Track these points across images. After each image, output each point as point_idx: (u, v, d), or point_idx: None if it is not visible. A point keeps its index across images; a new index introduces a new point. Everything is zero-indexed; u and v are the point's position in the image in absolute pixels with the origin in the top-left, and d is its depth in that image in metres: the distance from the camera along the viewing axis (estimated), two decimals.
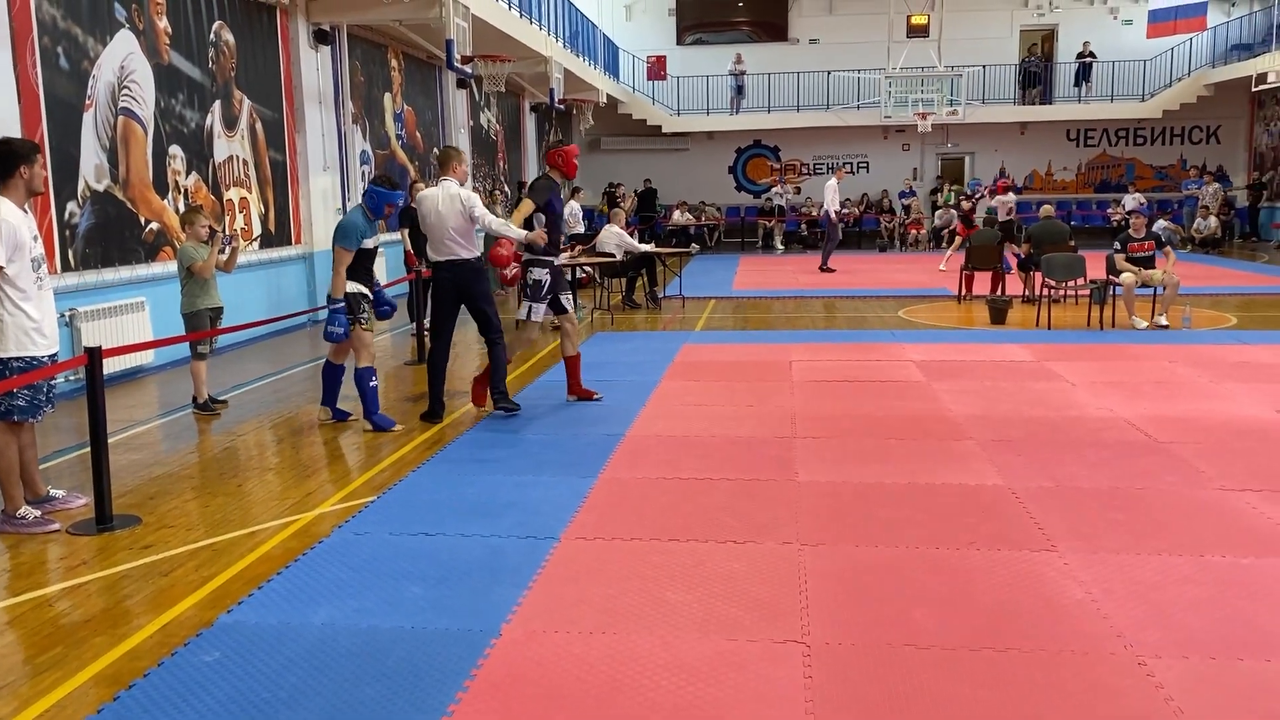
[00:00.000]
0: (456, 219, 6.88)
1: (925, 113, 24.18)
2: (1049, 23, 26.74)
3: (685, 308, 13.78)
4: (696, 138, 27.18)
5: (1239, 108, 25.64)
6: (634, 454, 6.14)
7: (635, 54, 26.46)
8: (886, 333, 11.12)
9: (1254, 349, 9.63)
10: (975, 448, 6.17)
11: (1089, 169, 27.02)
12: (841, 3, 26.90)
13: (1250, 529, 4.66)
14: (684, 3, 27.57)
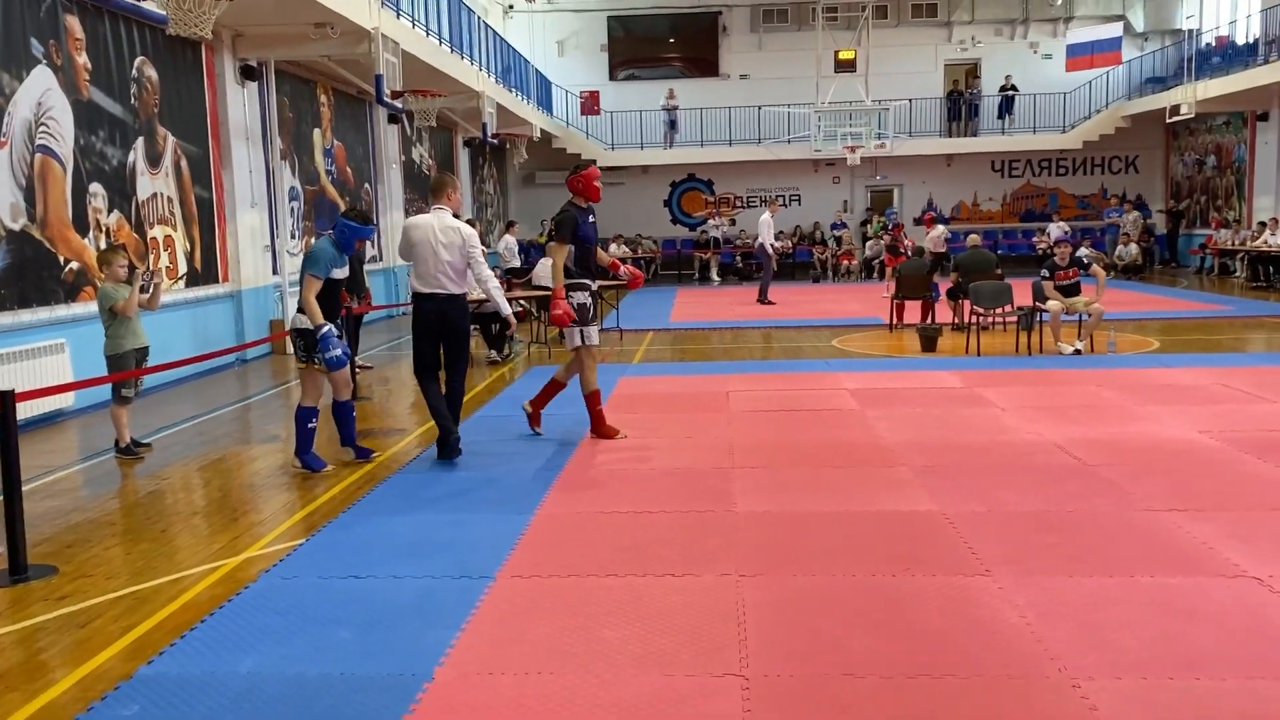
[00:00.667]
0: (454, 254, 6.57)
1: (854, 146, 24.65)
2: (972, 57, 27.48)
3: (623, 340, 13.78)
4: (631, 171, 27.34)
5: (1155, 138, 26.54)
6: (571, 489, 6.08)
7: (569, 89, 26.61)
8: (821, 362, 11.22)
9: (1176, 371, 9.89)
10: (909, 474, 6.21)
11: (1014, 199, 27.70)
12: (770, 39, 27.37)
13: (1177, 548, 4.74)
14: (616, 39, 27.84)
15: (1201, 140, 25.22)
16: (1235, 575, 4.37)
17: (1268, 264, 19.31)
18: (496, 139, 20.19)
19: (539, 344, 12.94)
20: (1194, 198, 25.68)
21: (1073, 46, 24.80)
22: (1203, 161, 25.26)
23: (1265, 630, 3.81)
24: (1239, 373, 9.68)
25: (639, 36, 28.04)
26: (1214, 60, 22.56)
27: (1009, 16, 26.98)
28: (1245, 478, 5.97)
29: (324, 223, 15.07)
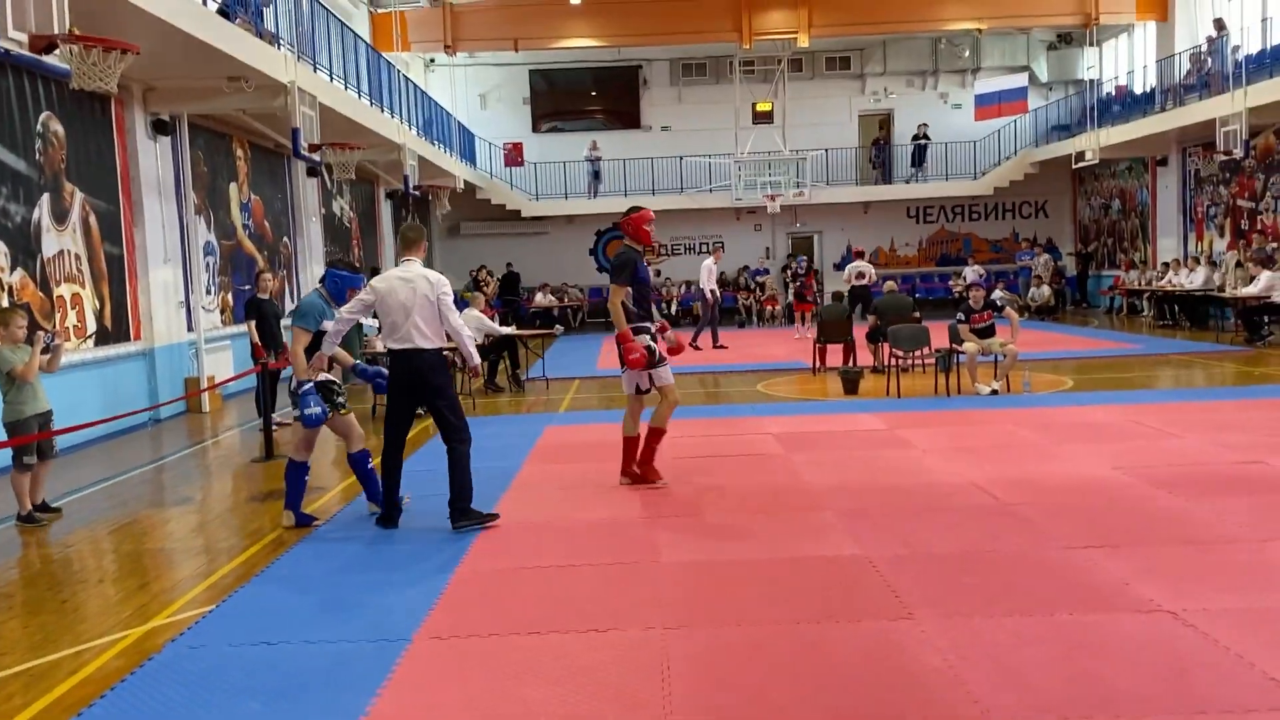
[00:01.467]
0: (424, 305, 6.17)
1: (774, 194, 25.08)
2: (885, 107, 28.23)
3: (549, 389, 13.70)
4: (556, 221, 27.41)
5: (1063, 184, 27.47)
6: (494, 544, 5.97)
7: (492, 141, 26.67)
8: (746, 407, 11.27)
9: (1089, 409, 10.13)
10: (833, 518, 6.23)
11: (929, 244, 28.36)
12: (690, 91, 27.81)
13: (1093, 586, 4.81)
14: (538, 92, 28.05)
15: (1106, 185, 26.17)
16: (1150, 610, 4.44)
17: (1173, 303, 20.00)
18: (419, 191, 20.10)
19: (463, 395, 12.77)
20: (1101, 240, 26.58)
21: (981, 96, 25.61)
22: (1108, 205, 26.20)
23: (1179, 666, 3.86)
24: (1149, 409, 9.96)
25: (561, 89, 28.29)
26: (1114, 109, 23.49)
27: (919, 68, 27.81)
28: (1157, 513, 6.11)
29: (241, 278, 14.79)
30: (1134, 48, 25.18)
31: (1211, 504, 6.20)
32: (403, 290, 6.20)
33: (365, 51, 17.14)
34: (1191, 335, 17.78)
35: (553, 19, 23.68)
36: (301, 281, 17.49)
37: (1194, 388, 12.02)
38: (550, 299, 26.27)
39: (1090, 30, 24.29)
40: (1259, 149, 19.42)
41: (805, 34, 23.73)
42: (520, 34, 23.85)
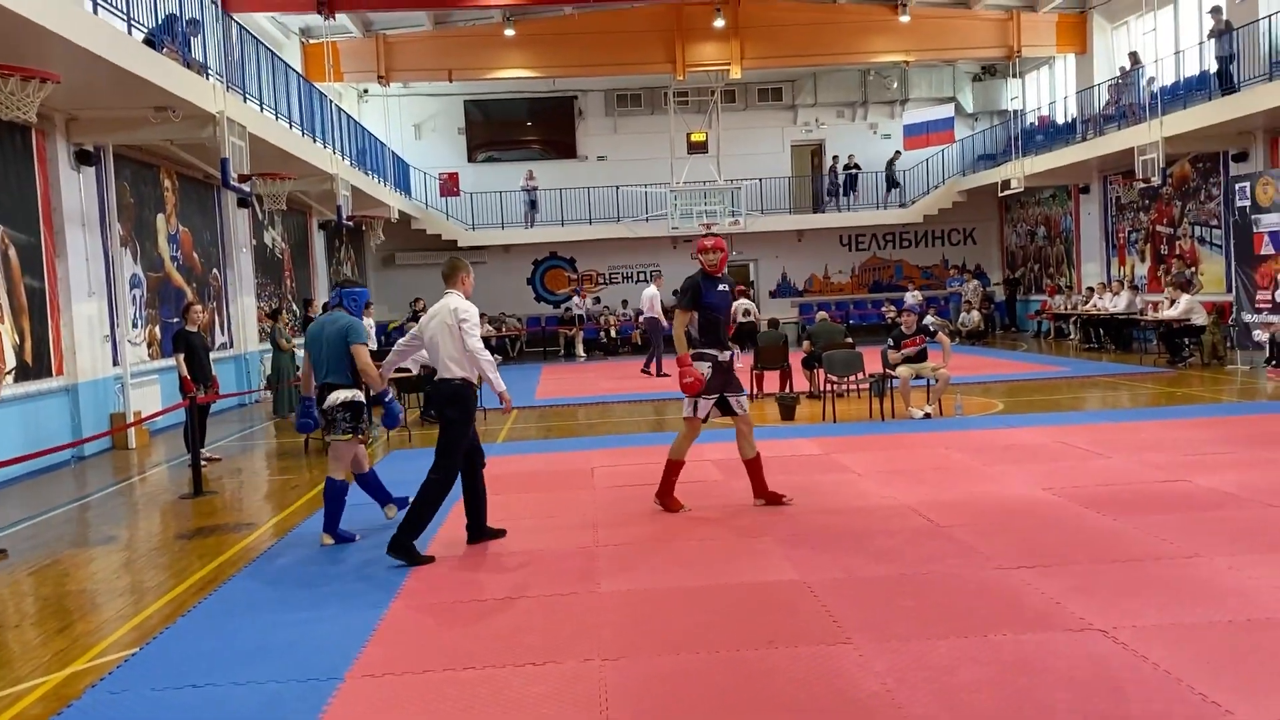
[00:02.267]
0: (446, 335, 6.30)
1: (710, 223, 25.22)
2: (816, 138, 28.69)
3: (486, 419, 13.57)
4: (493, 251, 27.32)
5: (990, 211, 28.13)
6: (429, 578, 5.87)
7: (427, 170, 26.55)
8: None
9: (1020, 431, 10.32)
10: (772, 544, 6.24)
11: (862, 271, 28.80)
12: (625, 122, 28.00)
13: (1027, 605, 4.88)
14: (473, 122, 28.03)
15: (1031, 212, 26.85)
16: (1082, 629, 4.51)
17: (1098, 326, 20.53)
18: (352, 221, 19.90)
19: (399, 427, 12.61)
20: (1028, 266, 27.24)
21: (909, 127, 26.17)
22: (1034, 232, 26.87)
23: (1110, 682, 3.92)
24: (1077, 430, 10.18)
25: (496, 120, 28.30)
26: (1038, 138, 24.16)
27: (849, 99, 28.33)
28: (1086, 532, 6.22)
29: (169, 310, 14.47)
30: (1055, 79, 25.96)
31: (1138, 522, 6.34)
32: (431, 323, 6.44)
33: (297, 81, 16.99)
34: (1116, 358, 18.25)
35: (487, 50, 23.71)
36: (232, 314, 17.18)
37: (1119, 409, 12.32)
38: (488, 329, 26.11)
39: (1013, 62, 25.00)
40: (1175, 176, 20.09)
41: (737, 66, 24.06)
42: (454, 64, 23.85)
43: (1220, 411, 11.27)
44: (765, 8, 23.41)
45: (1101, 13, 23.06)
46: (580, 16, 23.22)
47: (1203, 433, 9.64)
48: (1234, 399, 12.38)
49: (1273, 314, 14.73)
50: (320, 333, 6.80)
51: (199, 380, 10.45)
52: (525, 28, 23.39)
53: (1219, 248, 18.69)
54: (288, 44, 21.31)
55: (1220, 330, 16.18)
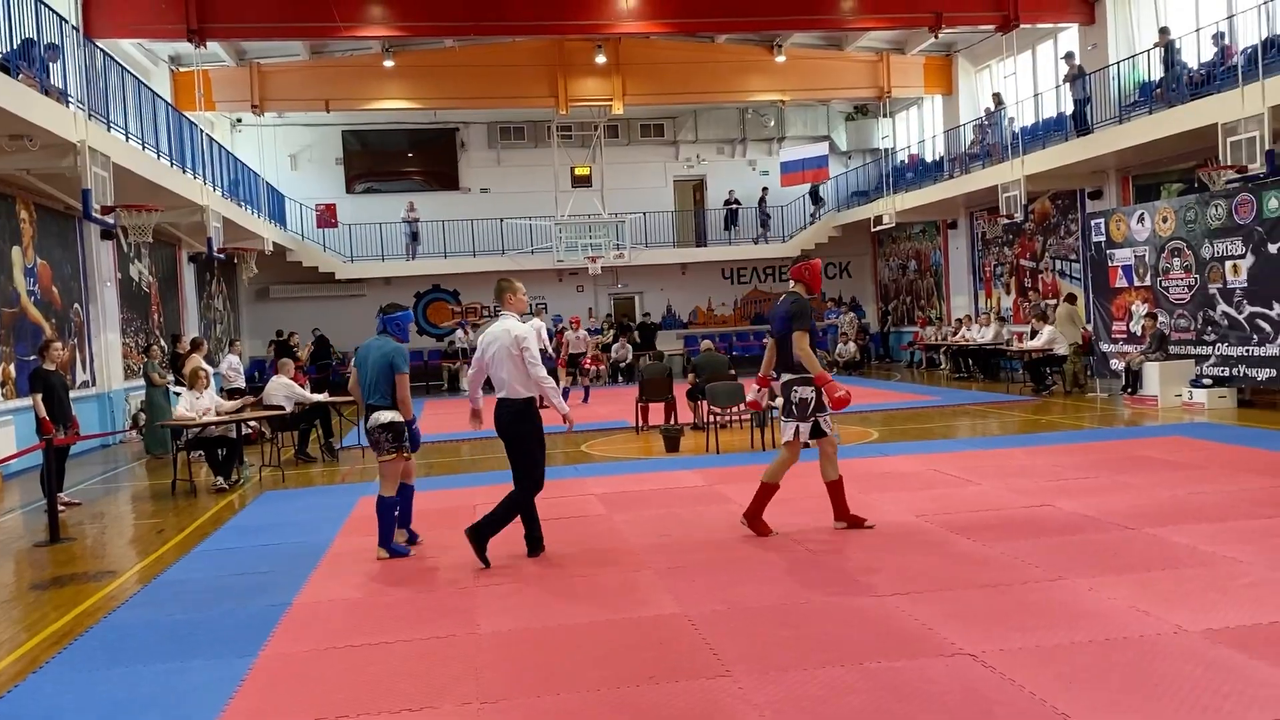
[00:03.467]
0: (507, 357, 6.64)
1: (595, 256, 25.44)
2: (698, 173, 29.21)
3: (365, 458, 13.26)
4: (373, 283, 26.88)
5: (864, 246, 29.03)
6: (302, 624, 5.67)
7: (303, 202, 25.98)
8: (570, 468, 11.23)
9: (894, 460, 10.61)
10: (653, 577, 6.25)
11: (744, 303, 29.34)
12: (508, 154, 28.00)
13: (901, 631, 4.99)
14: (352, 153, 27.61)
15: (903, 247, 27.82)
16: (953, 654, 4.63)
17: (967, 357, 21.33)
18: (224, 254, 19.30)
19: (272, 468, 12.22)
20: (900, 298, 28.17)
21: (786, 164, 26.87)
22: (905, 265, 27.83)
23: (980, 705, 4.03)
24: (948, 458, 10.51)
25: (376, 150, 27.94)
26: (908, 176, 25.11)
27: (729, 136, 28.94)
28: (957, 558, 6.41)
29: (24, 347, 13.74)
30: (923, 119, 27.05)
31: (1005, 547, 6.57)
32: (493, 347, 6.74)
33: (166, 110, 16.45)
34: (984, 386, 18.97)
35: (366, 80, 23.42)
36: (95, 350, 16.41)
37: (988, 436, 12.78)
38: None
39: (884, 102, 25.95)
40: (1036, 213, 21.11)
41: (620, 102, 24.34)
42: (332, 95, 23.47)
43: (1081, 438, 11.80)
44: (646, 46, 23.78)
45: (965, 56, 24.17)
46: (461, 49, 23.17)
47: (1065, 458, 10.07)
48: (1094, 425, 12.98)
49: (1128, 344, 15.54)
50: (366, 356, 7.19)
51: (58, 421, 9.93)
52: (405, 59, 23.20)
53: (1078, 280, 19.68)
54: (156, 71, 20.64)
55: (1081, 359, 16.99)
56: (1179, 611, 5.03)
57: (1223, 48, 15.39)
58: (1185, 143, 15.34)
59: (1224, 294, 13.64)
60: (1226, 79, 14.41)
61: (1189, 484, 8.39)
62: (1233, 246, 13.38)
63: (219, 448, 11.23)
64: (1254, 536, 6.47)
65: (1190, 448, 10.41)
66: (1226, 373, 13.64)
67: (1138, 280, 15.46)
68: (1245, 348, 13.29)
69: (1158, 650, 4.54)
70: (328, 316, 26.04)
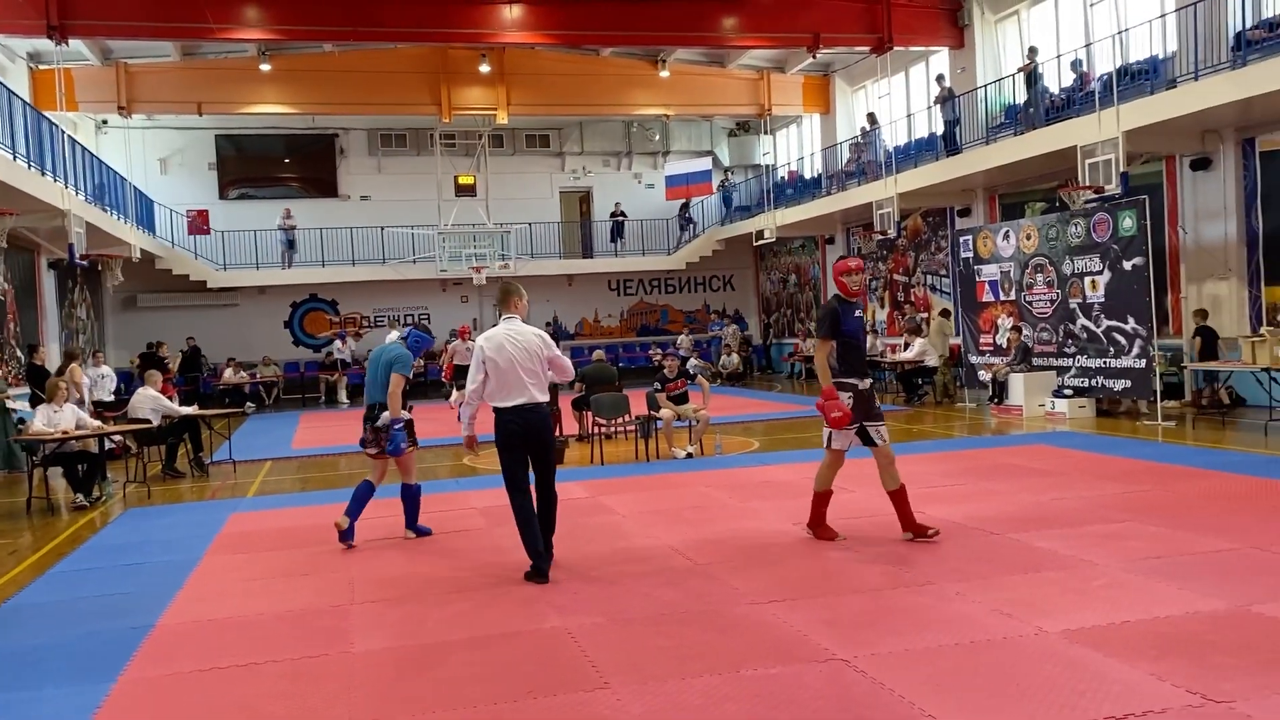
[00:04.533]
0: (530, 360, 6.45)
1: (479, 266, 25.21)
2: (584, 185, 29.27)
3: (237, 473, 12.83)
4: (247, 292, 26.07)
5: (746, 259, 29.54)
6: (165, 646, 5.44)
7: (174, 207, 25.03)
8: (452, 481, 11.08)
9: (775, 469, 10.79)
10: (535, 591, 6.20)
11: (630, 315, 29.49)
12: (390, 162, 27.54)
13: (776, 639, 5.06)
14: (226, 158, 26.76)
15: (784, 261, 28.41)
16: (826, 660, 4.72)
17: None
18: (87, 261, 18.41)
19: (137, 484, 11.70)
20: (782, 311, 28.75)
21: (670, 178, 27.17)
22: (786, 279, 28.42)
23: (851, 710, 4.12)
24: None
25: (251, 155, 27.13)
26: (788, 192, 25.66)
27: (615, 149, 29.10)
28: (832, 564, 6.56)
29: None
30: (803, 137, 27.70)
31: (878, 552, 6.75)
32: (510, 349, 6.45)
33: (23, 110, 15.63)
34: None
35: (241, 83, 22.72)
36: None
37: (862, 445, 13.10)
38: (241, 375, 24.77)
39: (764, 120, 26.47)
40: (909, 229, 21.82)
41: (504, 111, 24.22)
42: (204, 98, 22.69)
43: (950, 446, 12.22)
44: (531, 56, 23.73)
45: (842, 77, 24.85)
46: (342, 54, 22.70)
47: (936, 466, 10.40)
48: (963, 434, 13.46)
49: (994, 356, 16.17)
50: (378, 358, 7.78)
51: None
52: (283, 63, 22.61)
53: (948, 295, 20.40)
54: (13, 68, 19.62)
55: (950, 370, 17.60)
56: (1040, 613, 5.24)
57: (1081, 74, 16.21)
58: (1047, 164, 16.08)
59: (1083, 308, 14.33)
60: (1085, 104, 15.18)
61: (1050, 490, 8.77)
62: (1091, 263, 14.08)
63: (79, 463, 10.70)
64: (1109, 540, 6.80)
65: (1052, 455, 10.88)
66: (1086, 384, 14.33)
67: (1003, 295, 16.11)
68: (1103, 360, 13.98)
69: (1020, 651, 4.72)
70: (200, 326, 25.14)
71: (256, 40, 20.43)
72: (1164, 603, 5.33)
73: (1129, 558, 6.30)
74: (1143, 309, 13.16)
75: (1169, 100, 13.59)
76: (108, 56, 21.65)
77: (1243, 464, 9.56)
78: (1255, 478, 8.79)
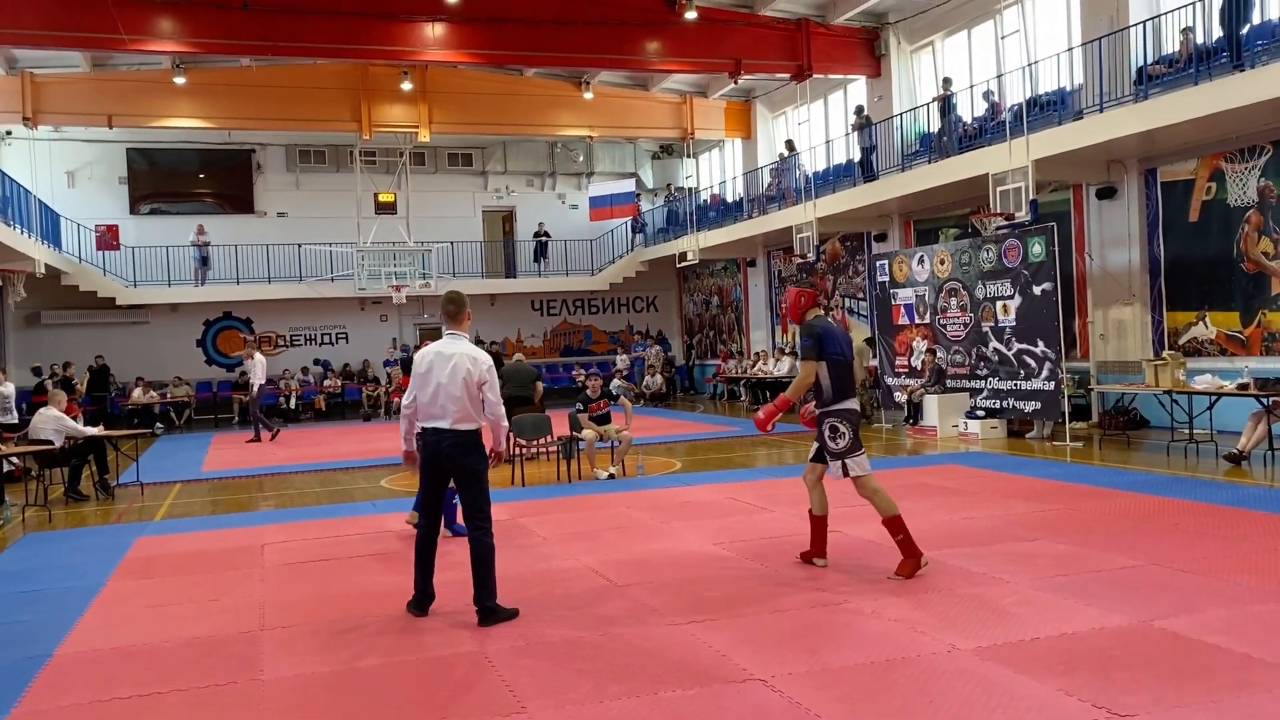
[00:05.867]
0: (455, 385, 5.89)
1: (399, 285, 24.91)
2: (508, 204, 29.16)
3: (144, 495, 12.42)
4: (158, 310, 25.36)
5: (670, 281, 29.70)
6: (62, 677, 5.22)
7: (82, 222, 24.25)
8: (369, 504, 10.89)
9: (696, 489, 10.83)
10: (451, 615, 6.10)
11: (554, 335, 29.41)
12: (308, 178, 27.12)
13: (695, 659, 5.06)
14: (137, 171, 26.05)
15: (706, 283, 28.63)
16: (744, 680, 4.73)
17: (765, 388, 22.09)
18: None
19: (37, 507, 11.26)
20: (704, 332, 28.95)
21: (594, 199, 27.23)
22: (709, 301, 28.64)
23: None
24: (746, 486, 10.82)
25: (164, 170, 26.45)
26: (711, 214, 25.90)
27: (538, 169, 29.07)
28: (751, 584, 6.58)
29: None
30: (725, 161, 28.02)
31: (796, 572, 6.80)
32: (444, 368, 5.95)
33: None
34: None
35: (154, 96, 22.15)
36: None
37: (783, 465, 13.23)
38: (150, 395, 24.05)
39: (687, 143, 26.71)
40: (828, 253, 22.19)
41: (426, 129, 24.03)
42: (115, 110, 22.06)
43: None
44: (453, 75, 23.61)
45: (763, 103, 25.22)
46: (259, 69, 22.30)
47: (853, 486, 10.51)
48: (880, 454, 13.67)
49: (909, 378, 16.49)
50: None
51: None
52: (198, 76, 22.13)
53: (865, 318, 20.76)
54: None
55: (867, 392, 17.88)
56: (952, 631, 5.33)
57: (993, 104, 16.70)
58: (961, 190, 16.51)
59: (995, 332, 14.70)
60: (996, 133, 15.63)
61: (963, 509, 8.95)
62: (1003, 288, 14.47)
63: None
64: (1019, 558, 6.96)
65: (964, 475, 11.12)
66: (998, 405, 14.68)
67: (918, 318, 16.45)
68: (1014, 382, 14.35)
69: (934, 668, 4.78)
70: (107, 344, 24.34)
71: (171, 53, 19.97)
72: (1071, 619, 5.46)
73: (1039, 575, 6.45)
74: (1052, 332, 13.55)
75: (1076, 131, 14.07)
76: (13, 65, 20.96)
77: (1146, 483, 9.88)
78: (1158, 497, 9.09)
